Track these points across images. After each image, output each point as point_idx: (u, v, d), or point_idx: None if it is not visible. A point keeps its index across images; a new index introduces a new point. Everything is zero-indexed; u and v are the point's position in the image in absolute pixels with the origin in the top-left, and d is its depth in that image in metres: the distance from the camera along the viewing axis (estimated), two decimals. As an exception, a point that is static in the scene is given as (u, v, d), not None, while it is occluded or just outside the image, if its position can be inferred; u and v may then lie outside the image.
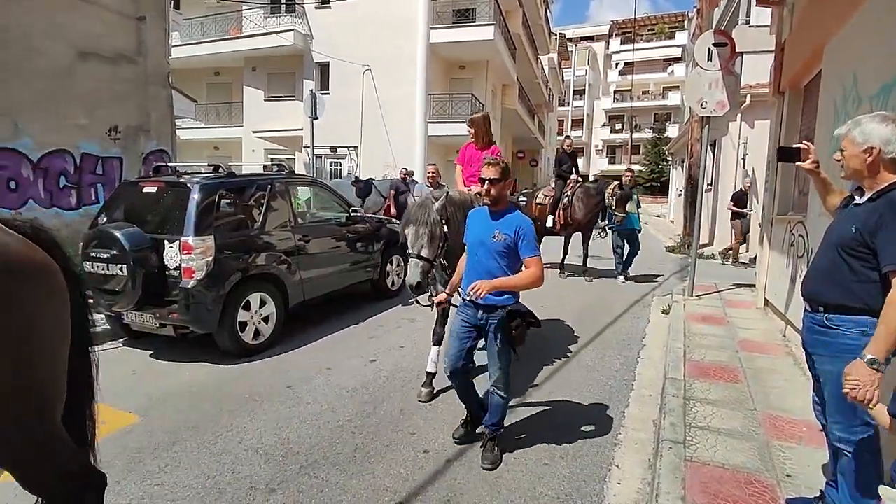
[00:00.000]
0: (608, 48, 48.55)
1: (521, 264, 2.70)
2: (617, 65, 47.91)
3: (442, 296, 3.02)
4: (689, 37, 24.87)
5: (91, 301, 4.44)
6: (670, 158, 25.08)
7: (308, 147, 11.18)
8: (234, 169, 5.02)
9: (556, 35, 35.64)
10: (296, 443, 3.09)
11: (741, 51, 9.33)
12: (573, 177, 8.51)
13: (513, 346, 2.73)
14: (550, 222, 8.43)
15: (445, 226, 3.33)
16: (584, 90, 45.99)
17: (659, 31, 46.97)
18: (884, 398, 1.73)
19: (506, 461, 2.91)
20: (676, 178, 19.78)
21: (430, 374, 3.76)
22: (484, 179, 2.70)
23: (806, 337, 2.12)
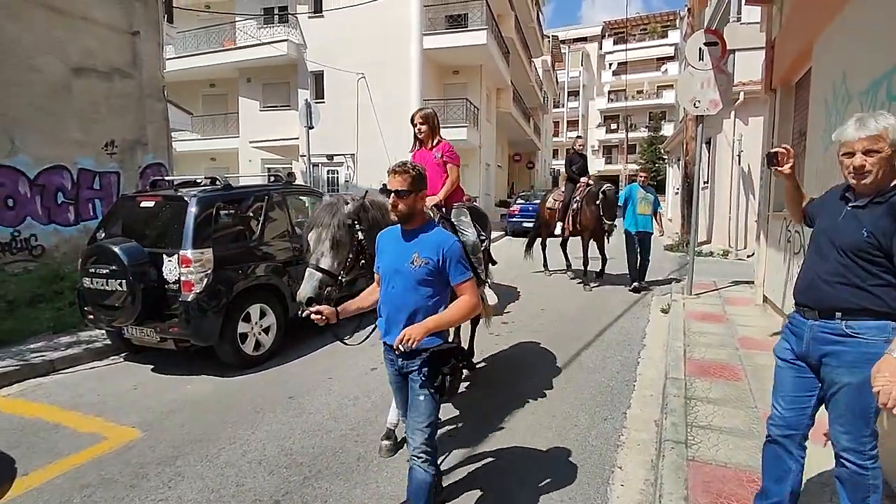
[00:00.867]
0: (601, 49, 48.72)
1: (449, 291, 2.17)
2: (610, 65, 48.12)
3: (324, 309, 2.28)
4: (682, 35, 24.98)
5: (92, 317, 4.49)
6: (666, 157, 25.17)
7: (304, 156, 11.17)
8: (231, 181, 5.04)
9: (549, 37, 35.76)
10: (299, 453, 3.09)
11: (733, 48, 9.39)
12: (583, 180, 7.99)
13: (442, 397, 2.14)
14: (559, 229, 8.11)
15: (360, 234, 2.74)
16: (579, 91, 46.21)
17: (651, 31, 47.22)
18: None
19: (508, 467, 2.92)
20: (673, 177, 19.85)
21: (391, 427, 3.16)
22: (390, 191, 2.11)
23: (811, 347, 1.91)
